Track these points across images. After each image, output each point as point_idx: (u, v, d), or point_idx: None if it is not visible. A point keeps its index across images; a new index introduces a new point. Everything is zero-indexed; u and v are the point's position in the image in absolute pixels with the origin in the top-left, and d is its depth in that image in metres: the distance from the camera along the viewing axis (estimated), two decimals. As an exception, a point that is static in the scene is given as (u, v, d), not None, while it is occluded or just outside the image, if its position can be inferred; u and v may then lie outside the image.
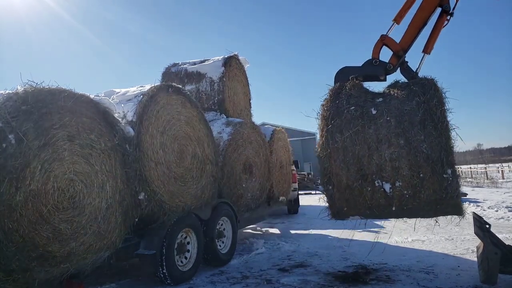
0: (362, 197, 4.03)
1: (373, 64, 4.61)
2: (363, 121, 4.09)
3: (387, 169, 3.95)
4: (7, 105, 3.18)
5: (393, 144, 3.96)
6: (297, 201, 12.12)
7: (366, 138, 4.03)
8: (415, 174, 3.87)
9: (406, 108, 4.05)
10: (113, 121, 4.21)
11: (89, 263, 3.73)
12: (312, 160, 32.17)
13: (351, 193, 4.07)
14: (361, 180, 4.03)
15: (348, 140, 4.07)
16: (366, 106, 4.19)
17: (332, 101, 4.31)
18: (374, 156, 3.99)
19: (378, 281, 4.57)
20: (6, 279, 3.05)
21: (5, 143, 3.09)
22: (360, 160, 4.03)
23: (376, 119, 4.08)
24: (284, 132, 9.31)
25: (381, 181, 3.97)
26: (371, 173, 3.99)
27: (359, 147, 4.03)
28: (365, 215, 4.17)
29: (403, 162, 3.91)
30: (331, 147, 4.11)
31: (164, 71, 8.53)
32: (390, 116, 4.05)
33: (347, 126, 4.11)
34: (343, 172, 4.07)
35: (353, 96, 4.28)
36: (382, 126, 4.03)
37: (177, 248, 4.87)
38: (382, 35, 4.62)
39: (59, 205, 3.49)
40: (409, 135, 3.92)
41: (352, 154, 4.05)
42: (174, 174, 5.07)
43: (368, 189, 4.00)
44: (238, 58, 8.49)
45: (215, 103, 7.73)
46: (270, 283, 4.70)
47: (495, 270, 3.85)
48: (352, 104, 4.23)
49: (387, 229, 8.32)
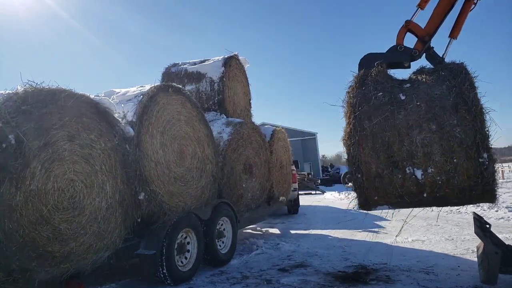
0: (393, 185, 3.88)
1: (398, 50, 4.49)
2: (392, 107, 3.95)
3: (419, 155, 3.79)
4: (7, 105, 3.18)
5: (425, 129, 3.82)
6: (297, 201, 12.12)
7: (395, 124, 3.89)
8: (448, 159, 3.73)
9: (436, 92, 3.93)
10: (113, 121, 4.21)
11: (89, 263, 3.74)
12: (312, 160, 32.21)
13: (381, 181, 3.92)
14: (392, 168, 3.88)
15: (377, 127, 3.93)
16: (394, 92, 4.07)
17: (358, 88, 4.17)
18: (405, 142, 3.84)
19: (378, 281, 4.57)
20: (6, 279, 3.05)
21: (5, 143, 3.09)
22: (390, 147, 3.88)
23: (405, 104, 3.95)
24: (284, 132, 9.31)
25: (412, 168, 3.82)
26: (402, 160, 3.84)
27: (388, 133, 3.89)
28: (394, 204, 4.04)
29: (435, 147, 3.78)
30: (359, 134, 3.95)
31: (164, 71, 8.53)
32: (420, 101, 3.92)
33: (375, 113, 3.97)
34: (373, 160, 3.92)
35: (380, 82, 4.16)
36: (412, 112, 3.90)
37: (177, 248, 4.86)
38: (407, 20, 4.48)
39: (59, 205, 3.50)
40: (441, 120, 3.80)
41: (382, 141, 3.90)
42: (174, 174, 5.07)
43: (398, 176, 3.84)
44: (238, 58, 8.50)
45: (215, 103, 7.74)
46: (270, 283, 4.70)
47: (495, 270, 3.83)
48: (379, 90, 4.10)
49: (387, 229, 8.33)
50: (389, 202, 4.06)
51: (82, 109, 3.86)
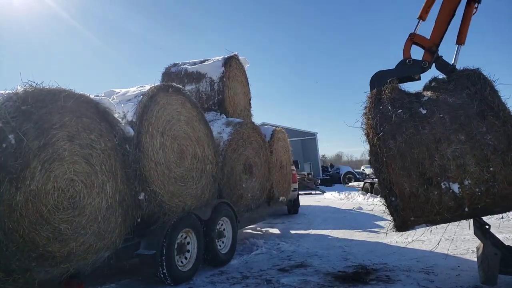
0: (430, 203, 3.72)
1: (407, 64, 4.48)
2: (415, 122, 3.86)
3: (452, 169, 3.67)
4: (7, 105, 3.18)
5: (454, 141, 3.72)
6: (297, 201, 12.12)
7: (422, 140, 3.78)
8: (484, 168, 3.61)
9: (457, 102, 3.84)
10: (113, 121, 4.21)
11: (89, 263, 3.73)
12: (312, 160, 32.22)
13: (416, 201, 3.76)
14: (426, 185, 3.73)
15: (404, 145, 3.81)
16: (414, 107, 3.99)
17: (375, 107, 4.09)
18: (436, 157, 3.72)
19: (378, 281, 4.57)
20: (6, 279, 3.05)
21: (5, 143, 3.09)
22: (421, 164, 3.75)
23: (428, 118, 3.86)
24: (284, 132, 9.31)
25: (447, 182, 3.68)
26: (435, 176, 3.70)
27: (417, 150, 3.77)
28: (433, 221, 3.88)
29: (468, 158, 3.66)
30: (386, 155, 3.82)
31: (164, 71, 8.53)
32: (443, 113, 3.84)
33: (399, 131, 3.87)
34: (405, 180, 3.77)
35: (396, 99, 4.09)
36: (436, 125, 3.80)
37: (177, 248, 4.86)
38: (411, 33, 4.49)
39: (59, 205, 3.49)
40: (469, 129, 3.70)
41: (411, 158, 3.77)
42: (174, 174, 5.07)
43: (434, 193, 3.70)
44: (238, 58, 8.49)
45: (215, 103, 7.73)
46: (270, 283, 4.70)
47: (495, 271, 3.81)
48: (397, 107, 4.02)
49: (387, 229, 8.32)
50: (427, 221, 3.90)
51: (82, 109, 3.86)
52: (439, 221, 3.94)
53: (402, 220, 3.89)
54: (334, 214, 11.62)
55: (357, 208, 12.88)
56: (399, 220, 3.91)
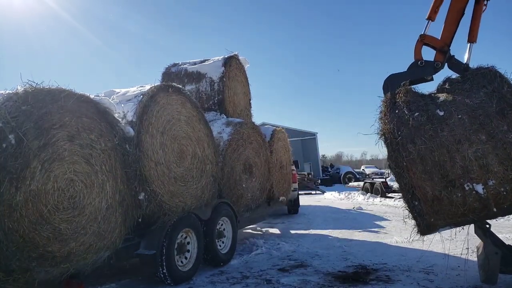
0: (454, 205, 3.69)
1: (419, 65, 4.44)
2: (433, 125, 3.81)
3: (475, 169, 3.62)
4: (7, 105, 3.18)
5: (475, 142, 3.66)
6: (297, 201, 12.13)
7: (442, 142, 3.73)
8: (508, 167, 3.55)
9: (475, 101, 3.79)
10: (113, 121, 4.21)
11: (89, 263, 3.73)
12: (312, 160, 32.22)
13: (440, 204, 3.72)
14: (449, 187, 3.69)
15: (423, 148, 3.77)
16: (430, 109, 3.94)
17: (391, 112, 4.05)
18: (457, 159, 3.68)
19: (378, 281, 4.57)
20: (6, 279, 3.05)
21: (5, 143, 3.09)
22: (443, 166, 3.72)
23: (446, 119, 3.81)
24: (284, 132, 9.31)
25: (471, 184, 3.64)
26: (458, 177, 3.66)
27: (437, 152, 3.72)
28: (458, 223, 3.89)
29: (491, 158, 3.61)
30: (406, 159, 3.79)
31: (164, 71, 8.53)
32: (461, 113, 3.79)
33: (417, 134, 3.82)
34: (427, 183, 3.74)
35: (412, 102, 4.04)
36: (456, 126, 3.75)
37: (177, 248, 4.87)
38: (421, 34, 4.47)
39: (59, 205, 3.50)
40: (490, 128, 3.65)
41: (432, 161, 3.73)
42: (174, 174, 5.07)
43: (458, 195, 3.66)
44: (238, 58, 8.49)
45: (215, 103, 7.73)
46: (270, 283, 4.70)
47: (495, 270, 3.81)
48: (414, 110, 3.98)
49: (387, 229, 8.33)
50: (452, 223, 3.87)
51: (82, 109, 3.86)
52: (464, 223, 3.90)
53: (426, 224, 3.83)
54: (334, 214, 11.63)
55: (357, 208, 12.89)
56: (423, 224, 3.84)
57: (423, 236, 4.01)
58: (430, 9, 4.54)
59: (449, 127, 3.78)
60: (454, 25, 4.46)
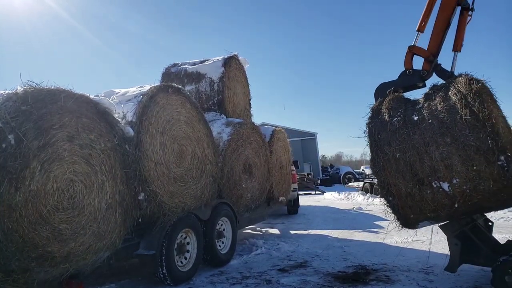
0: (425, 201, 4.11)
1: (408, 74, 4.84)
2: (407, 129, 4.29)
3: (441, 169, 4.03)
4: (7, 105, 3.18)
5: (441, 144, 4.06)
6: (297, 201, 12.12)
7: (413, 144, 4.19)
8: (469, 167, 3.91)
9: (445, 107, 4.19)
10: (113, 121, 4.21)
11: (88, 263, 3.73)
12: (312, 160, 32.21)
13: (412, 199, 4.17)
14: (419, 185, 4.13)
15: (397, 150, 4.26)
16: (408, 114, 4.42)
17: (375, 117, 4.57)
18: (425, 159, 4.11)
19: (378, 281, 4.57)
20: (6, 279, 3.05)
21: (5, 143, 3.09)
22: (413, 166, 4.16)
23: (419, 124, 4.26)
24: (284, 132, 9.31)
25: (438, 182, 4.04)
26: (426, 176, 4.08)
27: (408, 154, 4.19)
28: (434, 218, 4.26)
29: (455, 158, 3.99)
30: (383, 160, 4.31)
31: (164, 71, 8.53)
32: (432, 118, 4.21)
33: (393, 137, 4.32)
34: (400, 181, 4.21)
35: (394, 108, 4.53)
36: (426, 130, 4.19)
37: (176, 249, 4.86)
38: (409, 46, 4.86)
39: (59, 205, 3.49)
40: (454, 132, 4.02)
41: (404, 162, 4.20)
42: (173, 174, 5.06)
43: (427, 192, 4.08)
44: (237, 58, 8.49)
45: (214, 103, 7.73)
46: (270, 284, 4.70)
47: (456, 259, 4.15)
48: (394, 116, 4.47)
49: (387, 229, 8.32)
50: (427, 218, 4.26)
51: (82, 109, 3.86)
52: (437, 218, 4.27)
53: (403, 218, 4.33)
54: (333, 214, 11.62)
55: (357, 208, 12.88)
56: (400, 218, 4.34)
57: (405, 228, 4.49)
58: (420, 22, 4.88)
59: (420, 130, 4.24)
60: (440, 36, 4.79)
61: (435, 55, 4.78)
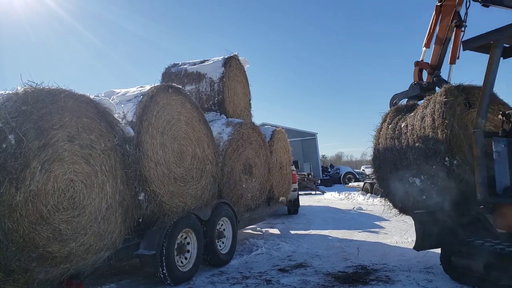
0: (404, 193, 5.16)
1: (414, 86, 5.70)
2: (394, 134, 5.33)
3: (414, 167, 4.98)
4: (7, 105, 3.19)
5: (414, 146, 4.95)
6: (297, 201, 12.11)
7: (397, 148, 5.24)
8: (430, 167, 4.73)
9: (421, 115, 4.99)
10: (113, 121, 4.21)
11: (89, 263, 3.73)
12: (312, 160, 32.20)
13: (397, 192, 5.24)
14: (399, 180, 5.16)
15: (386, 152, 5.42)
16: (399, 122, 5.38)
17: (381, 125, 5.67)
18: (403, 159, 5.15)
19: (378, 281, 4.57)
20: (6, 279, 3.05)
21: (5, 143, 3.09)
22: (395, 165, 5.26)
23: (403, 129, 5.22)
24: (284, 133, 9.31)
25: (412, 178, 5.01)
26: (404, 173, 5.08)
27: (392, 155, 5.33)
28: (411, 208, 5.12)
29: (421, 159, 4.84)
30: (378, 160, 5.57)
31: (164, 71, 8.53)
32: (413, 123, 5.07)
33: (385, 143, 5.45)
34: (388, 176, 5.37)
35: (393, 116, 5.57)
36: (407, 135, 5.10)
37: (177, 249, 4.86)
38: (416, 61, 5.67)
39: (59, 205, 3.50)
40: (423, 135, 4.83)
41: (389, 162, 5.36)
42: (174, 174, 5.06)
43: (406, 186, 5.08)
44: (238, 59, 8.49)
45: (215, 104, 7.73)
46: (270, 284, 4.70)
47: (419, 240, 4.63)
48: (389, 123, 5.52)
49: (387, 229, 8.33)
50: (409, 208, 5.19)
51: (82, 109, 3.86)
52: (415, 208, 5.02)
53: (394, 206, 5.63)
54: (334, 214, 11.62)
55: (357, 208, 12.88)
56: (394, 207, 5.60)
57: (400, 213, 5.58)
58: (425, 39, 5.55)
59: (404, 136, 5.14)
60: (438, 50, 5.42)
61: (435, 68, 5.40)
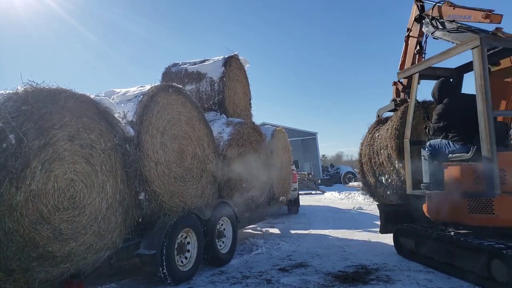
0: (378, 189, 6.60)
1: (391, 102, 6.63)
2: (370, 142, 6.66)
3: (382, 168, 6.20)
4: (7, 105, 3.19)
5: (380, 152, 6.24)
6: (297, 201, 12.12)
7: (374, 150, 6.45)
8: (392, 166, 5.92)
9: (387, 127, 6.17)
10: (113, 121, 4.21)
11: (89, 263, 3.74)
12: (312, 160, 32.20)
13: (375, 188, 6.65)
14: (375, 177, 6.48)
15: (366, 156, 6.74)
16: (375, 132, 6.63)
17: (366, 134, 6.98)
18: (377, 160, 6.38)
19: (378, 280, 4.57)
20: (7, 279, 3.06)
21: (5, 143, 3.09)
22: (373, 165, 6.54)
23: (378, 136, 6.48)
24: (284, 132, 9.31)
25: (381, 176, 6.24)
26: (378, 170, 6.37)
27: (367, 158, 6.69)
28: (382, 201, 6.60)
29: (386, 160, 6.04)
30: (362, 161, 6.93)
31: (164, 71, 8.53)
32: (382, 135, 6.29)
33: (365, 149, 6.81)
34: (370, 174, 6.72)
35: (374, 127, 6.86)
36: (378, 143, 6.40)
37: (177, 248, 4.86)
38: (393, 81, 6.66)
39: (60, 205, 3.50)
40: (385, 144, 6.07)
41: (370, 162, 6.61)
42: (174, 174, 5.07)
43: (382, 181, 6.28)
44: (238, 58, 8.48)
45: (215, 103, 7.73)
46: (270, 283, 4.70)
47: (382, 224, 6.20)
48: (370, 132, 6.85)
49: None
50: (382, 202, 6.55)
51: (82, 109, 3.86)
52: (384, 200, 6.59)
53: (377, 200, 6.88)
54: (334, 214, 11.62)
55: (357, 208, 12.87)
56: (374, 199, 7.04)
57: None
58: (400, 63, 6.59)
59: (375, 143, 6.45)
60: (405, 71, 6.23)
61: (406, 87, 6.33)
